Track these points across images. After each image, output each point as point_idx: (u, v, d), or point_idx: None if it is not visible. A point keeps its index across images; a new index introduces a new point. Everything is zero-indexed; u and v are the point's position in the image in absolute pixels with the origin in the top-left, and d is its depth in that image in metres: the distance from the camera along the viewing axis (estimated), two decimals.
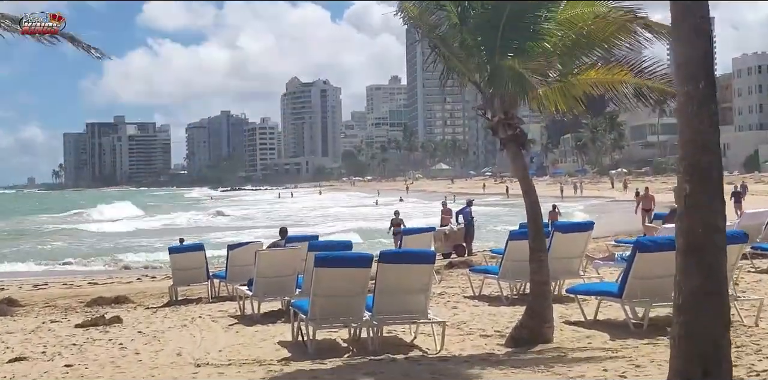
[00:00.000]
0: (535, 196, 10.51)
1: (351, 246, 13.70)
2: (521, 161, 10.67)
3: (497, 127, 10.58)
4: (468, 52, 10.76)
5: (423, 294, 10.52)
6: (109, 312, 16.00)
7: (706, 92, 6.43)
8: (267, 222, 65.97)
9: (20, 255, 40.44)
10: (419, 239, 18.68)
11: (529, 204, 10.50)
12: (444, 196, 48.49)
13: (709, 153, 6.49)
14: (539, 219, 10.50)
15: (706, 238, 6.53)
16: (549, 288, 10.67)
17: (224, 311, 15.04)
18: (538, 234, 10.40)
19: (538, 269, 10.40)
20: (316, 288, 10.31)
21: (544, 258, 10.50)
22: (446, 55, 10.83)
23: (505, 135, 10.52)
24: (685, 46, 6.48)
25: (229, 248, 17.29)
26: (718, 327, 6.48)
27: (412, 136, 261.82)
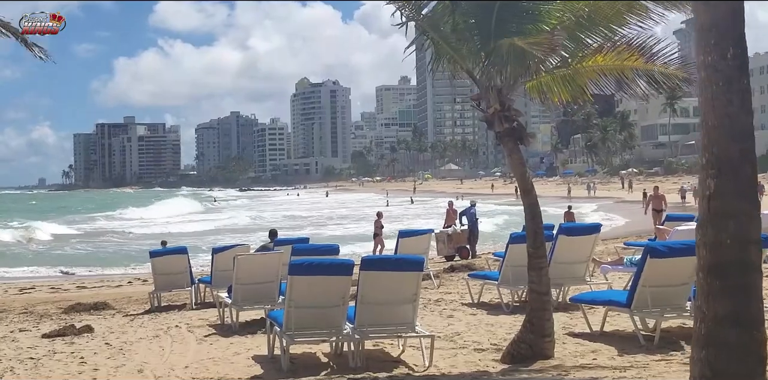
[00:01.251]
0: (535, 197, 9.46)
1: (338, 250, 12.67)
2: (518, 157, 9.60)
3: (493, 120, 9.53)
4: (460, 36, 9.70)
5: (410, 305, 9.48)
6: (84, 320, 15.06)
7: (736, 63, 5.09)
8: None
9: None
10: (416, 242, 17.58)
11: (527, 205, 9.45)
12: (458, 197, 47.00)
13: (741, 140, 5.15)
14: (538, 221, 9.43)
15: (736, 252, 5.18)
16: (550, 299, 9.58)
17: (205, 319, 14.07)
18: (537, 239, 9.34)
19: (537, 278, 9.33)
20: (290, 298, 9.29)
21: (544, 266, 9.44)
22: (436, 40, 9.76)
23: (502, 128, 9.46)
24: (708, 5, 5.21)
25: (213, 251, 16.31)
26: (752, 366, 5.15)
27: (421, 137, 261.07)
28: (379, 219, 28.55)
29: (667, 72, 9.54)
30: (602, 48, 9.72)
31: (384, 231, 28.13)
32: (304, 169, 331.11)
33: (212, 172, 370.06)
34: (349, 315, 9.45)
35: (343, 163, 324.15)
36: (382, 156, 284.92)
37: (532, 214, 9.39)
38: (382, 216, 29.20)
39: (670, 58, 9.66)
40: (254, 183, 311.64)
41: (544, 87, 10.04)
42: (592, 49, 9.75)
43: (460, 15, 9.65)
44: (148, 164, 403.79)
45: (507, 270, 13.18)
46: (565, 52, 9.61)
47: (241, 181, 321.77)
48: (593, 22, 9.57)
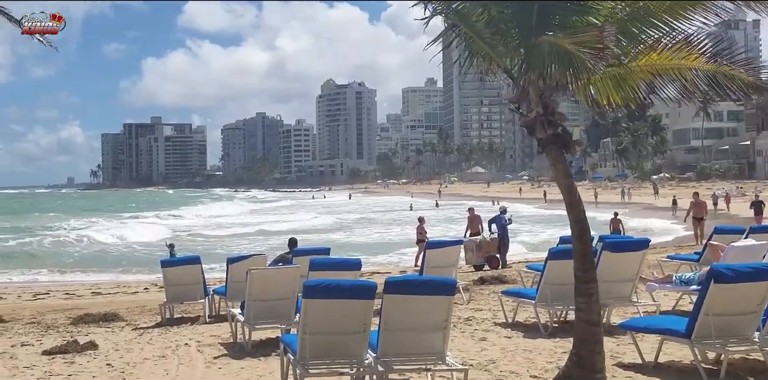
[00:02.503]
0: (582, 212, 8.36)
1: (360, 265, 11.62)
2: (563, 167, 8.52)
3: (534, 125, 8.44)
4: (496, 30, 8.63)
5: (440, 332, 8.41)
6: (91, 333, 14.15)
7: None
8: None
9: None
10: (445, 254, 16.45)
11: (574, 221, 8.34)
12: (494, 202, 45.56)
13: None
14: (587, 240, 8.33)
15: None
16: (600, 329, 8.44)
17: (217, 335, 13.07)
18: (586, 261, 8.23)
19: (586, 305, 8.21)
20: (305, 324, 8.25)
21: (594, 292, 8.31)
22: (468, 35, 8.68)
23: (544, 135, 8.39)
24: None
25: (228, 261, 15.29)
26: None
27: (447, 139, 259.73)
28: (422, 225, 27.58)
29: (735, 75, 8.40)
30: (658, 44, 8.61)
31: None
32: (329, 171, 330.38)
33: (238, 172, 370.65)
34: (372, 342, 8.41)
35: (369, 164, 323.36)
36: (408, 158, 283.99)
37: (579, 232, 8.30)
38: (424, 221, 28.26)
39: (734, 60, 8.56)
40: (279, 184, 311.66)
41: (591, 88, 8.92)
42: (646, 46, 8.65)
43: (496, 6, 8.60)
44: (174, 164, 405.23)
45: (545, 289, 12.08)
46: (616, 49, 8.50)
47: (267, 181, 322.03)
48: (650, 15, 8.45)
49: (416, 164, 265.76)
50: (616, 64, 8.57)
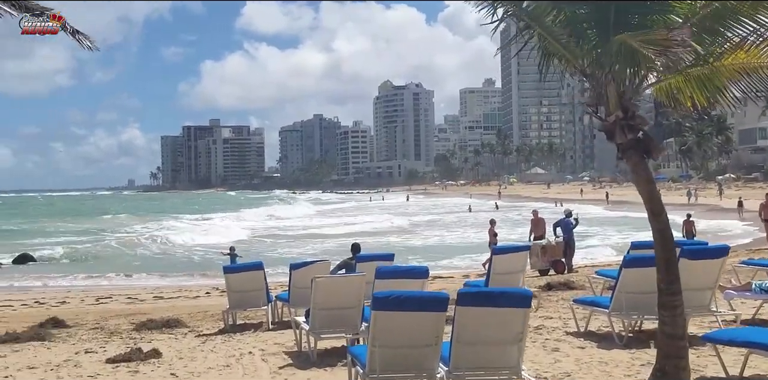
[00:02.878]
0: (666, 221, 7.94)
1: (427, 273, 11.28)
2: (645, 173, 8.11)
3: (613, 130, 8.05)
4: (572, 31, 8.26)
5: (515, 345, 8.07)
6: (154, 340, 14.01)
7: None
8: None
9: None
10: (512, 260, 16.02)
11: (657, 231, 7.92)
12: (557, 203, 44.81)
13: None
14: (670, 250, 7.92)
15: None
16: (685, 343, 8.01)
17: (281, 343, 12.83)
18: (671, 272, 7.82)
19: (671, 318, 7.80)
20: (374, 336, 7.96)
21: (679, 305, 7.89)
22: (543, 36, 8.32)
23: (624, 139, 7.99)
24: None
25: (291, 267, 15.08)
26: None
27: (506, 140, 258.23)
28: (493, 227, 27.21)
29: None
30: (744, 42, 8.16)
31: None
32: (387, 172, 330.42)
33: (295, 174, 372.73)
34: (443, 355, 8.09)
35: (426, 166, 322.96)
36: (466, 159, 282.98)
37: (663, 242, 7.89)
38: (495, 223, 27.83)
39: None
40: (336, 186, 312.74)
41: (674, 89, 8.50)
42: (732, 44, 8.20)
43: (570, 5, 8.24)
44: (232, 166, 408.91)
45: (620, 297, 11.62)
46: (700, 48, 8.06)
47: (324, 183, 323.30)
48: (734, 12, 8.02)
49: (474, 165, 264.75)
50: (700, 64, 8.16)
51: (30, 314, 19.97)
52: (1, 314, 20.45)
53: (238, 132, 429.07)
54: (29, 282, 32.03)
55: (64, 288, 28.18)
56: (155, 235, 58.98)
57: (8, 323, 18.08)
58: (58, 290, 27.40)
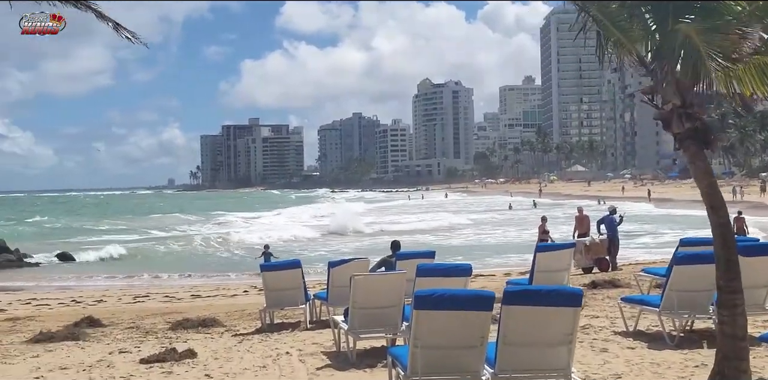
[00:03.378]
0: (726, 216, 7.48)
1: (470, 271, 10.85)
2: (703, 164, 7.65)
3: (670, 119, 7.58)
4: (630, 14, 7.80)
5: (565, 347, 7.63)
6: (189, 339, 13.72)
7: None
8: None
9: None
10: (557, 258, 15.55)
11: (716, 226, 7.45)
12: (600, 201, 43.98)
13: None
14: (731, 247, 7.43)
15: None
16: (746, 345, 7.52)
17: (319, 343, 12.48)
18: (731, 270, 7.34)
19: (731, 318, 7.33)
20: (416, 337, 7.58)
21: (740, 303, 7.42)
22: (599, 19, 7.87)
23: (682, 129, 7.53)
24: None
25: (329, 265, 14.74)
26: None
27: (546, 137, 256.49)
28: (543, 224, 26.73)
29: None
30: None
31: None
32: (426, 171, 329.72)
33: (334, 173, 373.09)
34: (489, 357, 7.68)
35: (466, 164, 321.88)
36: (506, 157, 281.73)
37: (722, 238, 7.41)
38: (546, 220, 27.34)
39: None
40: (376, 184, 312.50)
41: (733, 78, 7.99)
42: None
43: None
44: (272, 165, 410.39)
45: (671, 295, 11.13)
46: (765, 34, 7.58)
47: (363, 182, 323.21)
48: None
49: (514, 163, 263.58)
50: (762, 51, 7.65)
51: (66, 313, 19.84)
52: (38, 313, 20.34)
53: (278, 131, 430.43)
54: (68, 282, 32.03)
55: (103, 287, 28.08)
56: (217, 234, 58.42)
57: (44, 322, 17.95)
58: (97, 289, 27.31)
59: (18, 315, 19.69)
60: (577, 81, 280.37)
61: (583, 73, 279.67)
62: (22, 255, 40.29)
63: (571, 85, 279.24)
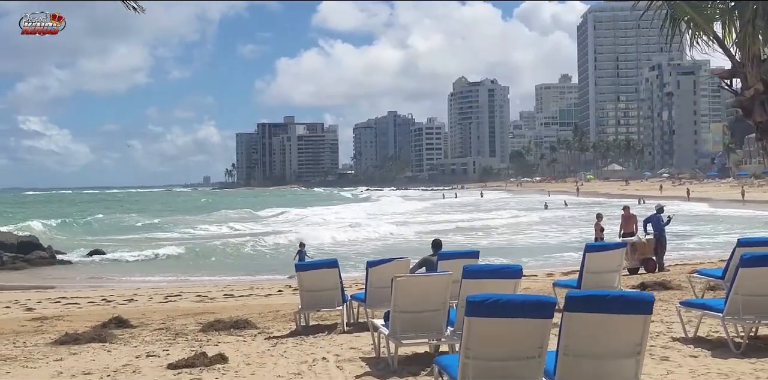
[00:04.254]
0: None
1: (521, 272, 10.08)
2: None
3: (751, 106, 6.79)
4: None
5: (632, 359, 6.87)
6: (221, 342, 13.06)
7: None
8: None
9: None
10: (607, 258, 14.71)
11: None
12: (640, 201, 42.65)
13: None
14: None
15: None
16: None
17: (357, 348, 11.78)
18: None
19: None
20: (467, 346, 6.85)
21: None
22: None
23: (765, 117, 6.72)
24: None
25: (368, 265, 14.03)
26: None
27: (582, 136, 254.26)
28: (599, 222, 25.94)
29: None
30: None
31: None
32: (461, 169, 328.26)
33: (369, 171, 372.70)
34: (548, 368, 6.93)
35: (501, 162, 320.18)
36: (542, 156, 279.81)
37: None
38: (602, 218, 26.53)
39: None
40: (411, 182, 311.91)
41: None
42: None
43: None
44: (307, 163, 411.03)
45: (736, 300, 10.31)
46: None
47: (398, 180, 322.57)
48: None
49: (551, 162, 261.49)
50: None
51: (96, 312, 19.29)
52: (67, 312, 19.80)
53: (312, 129, 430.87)
54: (100, 279, 31.61)
55: (135, 285, 27.55)
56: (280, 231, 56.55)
57: (72, 322, 17.40)
58: (128, 287, 26.79)
59: (46, 314, 19.15)
60: (614, 79, 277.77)
61: (620, 71, 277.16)
62: (55, 252, 39.98)
63: (608, 83, 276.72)
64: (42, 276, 33.29)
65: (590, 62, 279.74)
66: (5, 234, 41.19)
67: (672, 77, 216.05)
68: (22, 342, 14.02)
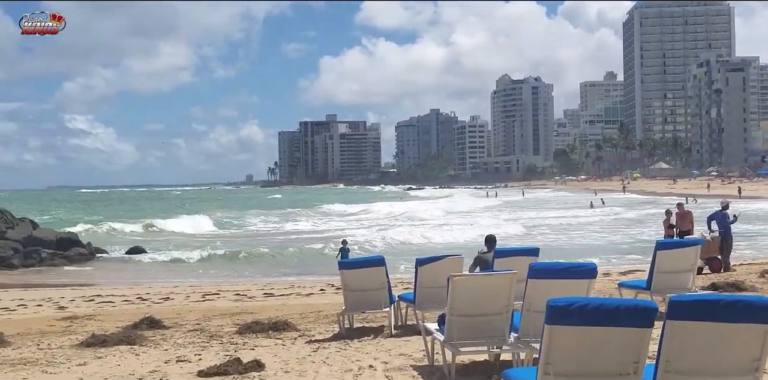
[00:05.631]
0: None
1: (595, 271, 8.86)
2: None
3: None
4: None
5: (750, 376, 5.65)
6: (258, 346, 12.00)
7: None
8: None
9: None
10: (679, 256, 13.40)
11: None
12: (689, 199, 40.70)
13: None
14: None
15: None
16: None
17: (407, 355, 10.63)
18: None
19: None
20: (549, 361, 5.66)
21: None
22: None
23: None
24: None
25: (417, 263, 12.87)
26: None
27: (628, 134, 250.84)
28: (668, 218, 24.68)
29: None
30: None
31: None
32: (505, 167, 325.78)
33: (412, 169, 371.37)
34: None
35: (545, 161, 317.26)
36: (587, 154, 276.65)
37: None
38: (671, 213, 25.21)
39: None
40: (453, 181, 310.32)
41: None
42: None
43: None
44: (349, 161, 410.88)
45: None
46: None
47: (441, 178, 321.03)
48: None
49: (596, 160, 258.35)
50: None
51: (129, 311, 18.30)
52: (99, 311, 18.85)
53: (355, 127, 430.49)
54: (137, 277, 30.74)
55: (172, 283, 26.58)
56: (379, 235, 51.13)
57: (103, 322, 16.44)
58: (166, 285, 25.84)
59: (77, 313, 18.22)
60: (660, 76, 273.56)
61: (667, 68, 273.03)
62: (94, 250, 39.29)
63: (654, 81, 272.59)
64: (79, 274, 32.54)
65: (636, 59, 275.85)
66: (44, 231, 40.54)
67: (720, 74, 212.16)
68: (46, 344, 13.07)
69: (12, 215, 41.96)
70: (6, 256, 34.86)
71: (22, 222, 41.54)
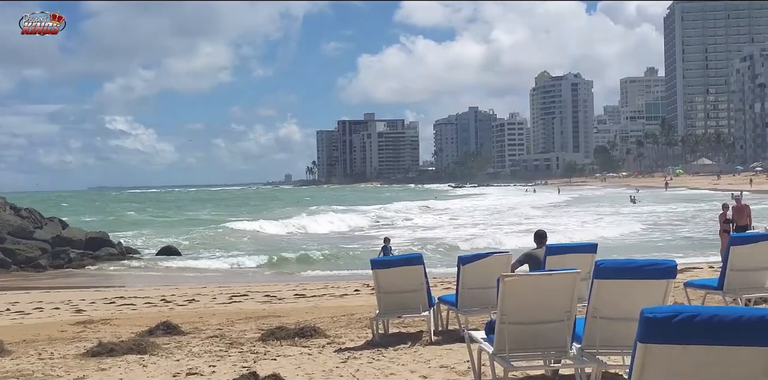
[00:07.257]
0: None
1: (675, 271, 7.38)
2: None
3: None
4: None
5: None
6: (280, 355, 10.68)
7: None
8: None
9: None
10: (758, 252, 11.87)
11: None
12: (739, 192, 38.49)
13: None
14: None
15: None
16: None
17: (449, 367, 9.29)
18: None
19: None
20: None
21: None
22: None
23: None
24: None
25: (460, 261, 11.46)
26: None
27: (670, 130, 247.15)
28: (725, 212, 23.19)
29: None
30: None
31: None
32: (545, 165, 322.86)
33: (450, 167, 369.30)
34: None
35: (585, 158, 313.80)
36: (628, 150, 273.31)
37: None
38: (728, 208, 23.68)
39: None
40: (492, 179, 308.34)
41: None
42: None
43: None
44: (387, 160, 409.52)
45: None
46: None
47: (480, 176, 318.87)
48: None
49: (637, 156, 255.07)
50: None
51: (149, 315, 17.06)
52: (118, 314, 17.64)
53: (393, 126, 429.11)
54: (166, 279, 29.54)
55: (200, 284, 25.31)
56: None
57: (118, 327, 15.21)
58: (194, 286, 24.57)
59: (94, 317, 17.01)
60: (702, 71, 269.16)
61: (709, 63, 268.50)
62: (125, 250, 38.22)
63: (696, 76, 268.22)
64: (106, 275, 31.45)
65: (678, 54, 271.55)
66: (74, 231, 39.51)
67: (764, 68, 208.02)
68: (49, 353, 11.81)
69: (40, 214, 40.90)
70: (33, 257, 33.81)
71: (51, 222, 40.56)
